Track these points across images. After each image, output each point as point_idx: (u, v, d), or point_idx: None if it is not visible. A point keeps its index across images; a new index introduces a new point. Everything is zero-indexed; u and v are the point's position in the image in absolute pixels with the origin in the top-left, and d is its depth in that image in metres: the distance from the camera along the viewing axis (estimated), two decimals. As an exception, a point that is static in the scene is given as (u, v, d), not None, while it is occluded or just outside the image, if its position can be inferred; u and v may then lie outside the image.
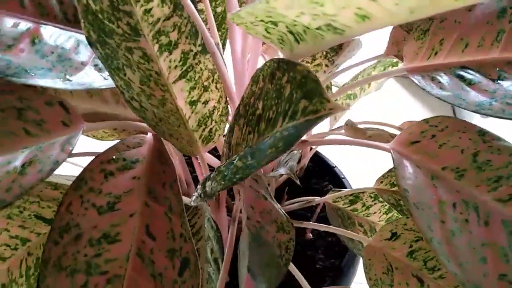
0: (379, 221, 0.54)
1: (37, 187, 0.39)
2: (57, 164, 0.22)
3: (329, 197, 0.52)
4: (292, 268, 0.35)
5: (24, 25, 0.27)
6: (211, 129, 0.35)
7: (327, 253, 0.56)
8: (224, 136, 0.38)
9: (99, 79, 0.28)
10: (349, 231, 0.40)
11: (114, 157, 0.30)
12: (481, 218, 0.24)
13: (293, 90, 0.23)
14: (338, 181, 0.63)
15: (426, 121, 0.27)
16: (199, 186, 0.29)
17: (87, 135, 0.50)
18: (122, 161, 0.30)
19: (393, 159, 0.26)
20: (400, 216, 0.55)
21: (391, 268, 0.34)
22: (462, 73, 0.28)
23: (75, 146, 0.24)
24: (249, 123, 0.30)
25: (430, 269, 0.33)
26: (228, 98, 0.36)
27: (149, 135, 0.32)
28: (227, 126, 0.37)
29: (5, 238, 0.39)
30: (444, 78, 0.29)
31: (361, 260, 0.56)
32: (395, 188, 0.48)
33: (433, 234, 0.23)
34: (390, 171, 0.49)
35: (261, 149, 0.23)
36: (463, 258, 0.22)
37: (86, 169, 0.29)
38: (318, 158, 0.67)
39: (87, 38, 0.25)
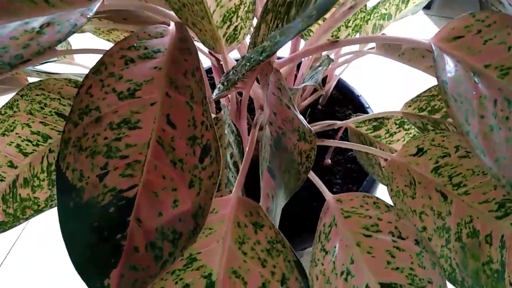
0: (402, 149, 0.52)
1: (58, 84, 0.39)
2: (75, 27, 0.21)
3: (351, 121, 0.51)
4: (312, 176, 0.35)
5: None
6: (236, 26, 0.33)
7: (345, 179, 0.55)
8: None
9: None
10: (372, 147, 0.39)
11: (135, 44, 0.29)
12: (524, 117, 0.22)
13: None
14: (362, 110, 0.61)
15: (472, 15, 0.25)
16: (221, 78, 0.28)
17: (109, 40, 0.48)
18: (144, 50, 0.29)
19: (433, 52, 0.24)
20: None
21: (414, 182, 0.33)
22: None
23: (94, 13, 0.22)
24: (278, 16, 0.29)
25: (455, 185, 0.32)
26: (256, -6, 0.34)
27: (172, 26, 0.31)
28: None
29: (26, 133, 0.39)
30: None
31: (379, 187, 0.56)
32: (423, 113, 0.46)
33: (470, 128, 0.22)
34: (418, 96, 0.47)
35: (292, 26, 0.21)
36: (500, 153, 0.21)
37: (106, 54, 0.28)
38: (342, 87, 0.65)
39: None
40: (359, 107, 0.62)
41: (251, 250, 0.24)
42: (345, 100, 0.63)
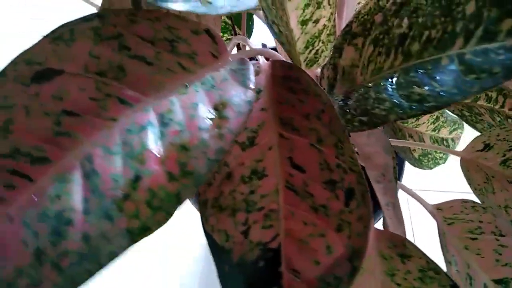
0: (426, 131, 0.56)
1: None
2: (251, 104, 0.20)
3: (382, 111, 0.53)
4: (403, 187, 0.37)
5: None
6: (317, 50, 0.32)
7: (374, 164, 0.58)
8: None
9: (234, 2, 0.25)
10: (434, 145, 0.42)
11: (239, 88, 0.28)
12: None
13: (482, 8, 0.21)
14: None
15: None
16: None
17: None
18: (249, 92, 0.28)
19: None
20: (445, 125, 0.57)
21: (488, 177, 0.36)
22: None
23: (255, 84, 0.21)
24: (378, 43, 0.29)
25: (524, 175, 0.35)
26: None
27: (262, 61, 0.30)
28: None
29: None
30: None
31: (406, 167, 0.59)
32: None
33: None
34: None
35: (448, 72, 0.22)
36: None
37: (217, 103, 0.27)
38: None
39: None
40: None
41: (403, 280, 0.26)
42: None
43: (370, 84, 0.27)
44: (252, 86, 0.21)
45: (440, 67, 0.23)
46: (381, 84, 0.26)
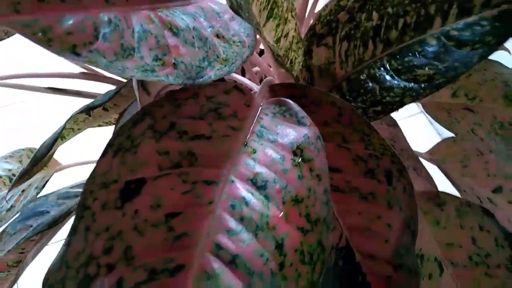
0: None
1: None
2: (321, 139, 0.22)
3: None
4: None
5: (145, 15, 0.22)
6: (291, 60, 0.35)
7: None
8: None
9: (242, 50, 0.26)
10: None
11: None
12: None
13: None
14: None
15: None
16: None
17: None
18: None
19: None
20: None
21: (448, 110, 0.43)
22: None
23: (309, 119, 0.23)
24: (351, 38, 0.32)
25: (471, 99, 0.43)
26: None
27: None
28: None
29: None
30: None
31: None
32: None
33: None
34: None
35: (442, 50, 0.25)
36: None
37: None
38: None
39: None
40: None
41: (447, 223, 0.31)
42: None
43: (362, 77, 0.31)
44: (308, 122, 0.23)
45: (429, 47, 0.27)
46: (377, 75, 0.29)
